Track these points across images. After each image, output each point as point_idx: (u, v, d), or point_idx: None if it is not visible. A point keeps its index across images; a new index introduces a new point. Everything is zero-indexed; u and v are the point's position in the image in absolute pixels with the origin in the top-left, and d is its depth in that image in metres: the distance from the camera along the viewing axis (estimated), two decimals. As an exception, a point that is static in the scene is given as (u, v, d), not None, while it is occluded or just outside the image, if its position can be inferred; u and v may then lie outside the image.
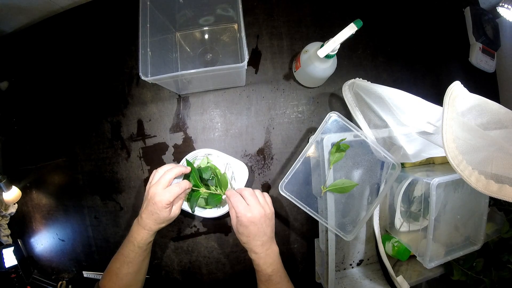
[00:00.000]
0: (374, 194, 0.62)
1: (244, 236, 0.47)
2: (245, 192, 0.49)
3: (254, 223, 0.46)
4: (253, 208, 0.47)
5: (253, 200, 0.48)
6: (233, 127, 0.68)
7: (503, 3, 0.66)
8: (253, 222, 0.46)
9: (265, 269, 0.47)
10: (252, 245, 0.47)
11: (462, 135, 0.35)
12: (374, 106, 0.53)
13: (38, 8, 0.70)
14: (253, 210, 0.46)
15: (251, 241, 0.47)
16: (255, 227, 0.46)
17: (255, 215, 0.46)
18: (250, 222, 0.46)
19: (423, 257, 0.56)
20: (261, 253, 0.47)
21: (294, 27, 0.70)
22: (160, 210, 0.47)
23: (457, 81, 0.38)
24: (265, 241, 0.47)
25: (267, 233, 0.48)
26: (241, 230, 0.47)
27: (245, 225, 0.46)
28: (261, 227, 0.47)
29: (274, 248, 0.49)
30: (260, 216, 0.46)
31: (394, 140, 0.52)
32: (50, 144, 0.71)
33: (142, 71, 0.50)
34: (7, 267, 0.67)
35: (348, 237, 0.53)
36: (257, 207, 0.47)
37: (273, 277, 0.47)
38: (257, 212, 0.46)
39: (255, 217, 0.46)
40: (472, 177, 0.34)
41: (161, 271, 0.69)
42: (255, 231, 0.47)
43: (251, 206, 0.47)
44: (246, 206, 0.47)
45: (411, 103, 0.45)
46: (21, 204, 0.72)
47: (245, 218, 0.46)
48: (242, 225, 0.47)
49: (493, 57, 0.77)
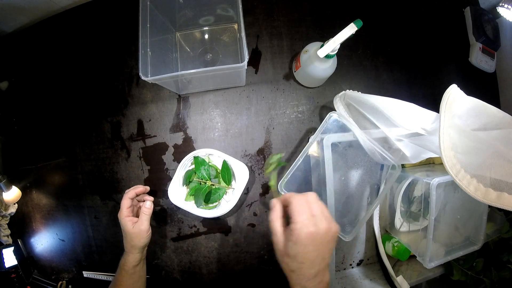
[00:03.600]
0: (374, 195, 0.63)
1: (296, 261, 0.34)
2: (310, 196, 0.36)
3: (316, 243, 0.33)
4: (319, 221, 0.34)
5: (318, 209, 0.35)
6: (233, 127, 0.68)
7: (503, 3, 0.66)
8: (314, 239, 0.33)
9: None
10: (303, 274, 0.34)
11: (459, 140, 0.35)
12: (367, 115, 0.53)
13: (38, 8, 0.70)
14: (318, 224, 0.33)
15: (303, 268, 0.33)
16: (314, 247, 0.33)
17: (319, 231, 0.33)
18: (312, 240, 0.33)
19: (423, 257, 0.56)
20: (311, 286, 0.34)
21: (294, 27, 0.70)
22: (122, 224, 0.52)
23: (454, 85, 0.38)
24: (320, 270, 0.34)
25: (325, 258, 0.35)
26: (294, 251, 0.33)
27: (304, 244, 0.33)
28: (322, 249, 0.34)
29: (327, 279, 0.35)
30: (325, 234, 0.33)
31: (392, 145, 0.53)
32: (50, 144, 0.71)
33: (142, 71, 0.50)
34: (7, 267, 0.67)
35: (347, 238, 0.53)
36: (323, 221, 0.34)
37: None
38: (323, 227, 0.33)
39: (318, 234, 0.33)
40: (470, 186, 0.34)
41: (161, 271, 0.69)
42: (314, 254, 0.33)
43: (316, 217, 0.34)
44: (310, 217, 0.34)
45: (404, 110, 0.45)
46: (21, 204, 0.72)
47: (306, 233, 0.33)
48: (299, 243, 0.33)
49: (493, 57, 0.77)
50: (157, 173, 0.68)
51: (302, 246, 0.33)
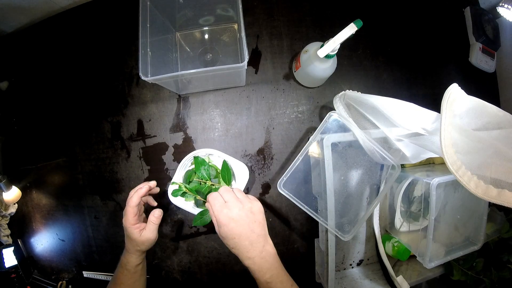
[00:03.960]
0: (373, 195, 0.63)
1: (229, 239, 0.42)
2: (221, 189, 0.46)
3: (234, 220, 0.42)
4: (230, 204, 0.43)
5: (229, 195, 0.44)
6: (233, 127, 0.68)
7: (503, 3, 0.66)
8: (233, 218, 0.42)
9: (262, 276, 0.42)
10: (241, 247, 0.42)
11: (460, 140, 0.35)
12: (367, 115, 0.53)
13: (38, 8, 0.70)
14: (230, 206, 0.42)
15: (237, 243, 0.42)
16: (237, 224, 0.42)
17: (232, 211, 0.42)
18: (229, 219, 0.42)
19: (423, 257, 0.56)
20: (255, 257, 0.42)
21: (294, 27, 0.70)
22: (129, 232, 0.50)
23: (455, 84, 0.38)
24: (254, 240, 0.42)
25: (255, 231, 0.42)
26: (223, 232, 0.42)
27: (224, 224, 0.42)
28: (244, 224, 0.42)
29: (269, 249, 0.43)
30: (239, 210, 0.42)
31: (392, 145, 0.53)
32: (50, 144, 0.71)
33: (142, 71, 0.50)
34: (7, 267, 0.67)
35: (346, 237, 0.53)
36: (235, 202, 0.43)
37: (273, 284, 0.42)
38: (235, 206, 0.42)
39: (233, 212, 0.42)
40: (471, 183, 0.34)
41: (161, 271, 0.69)
42: (239, 230, 0.42)
43: (228, 202, 0.43)
44: (223, 203, 0.43)
45: (404, 110, 0.45)
46: (21, 204, 0.72)
47: (222, 215, 0.42)
48: (222, 225, 0.42)
49: (493, 57, 0.77)
50: (157, 173, 0.68)
51: (225, 226, 0.42)
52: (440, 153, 0.36)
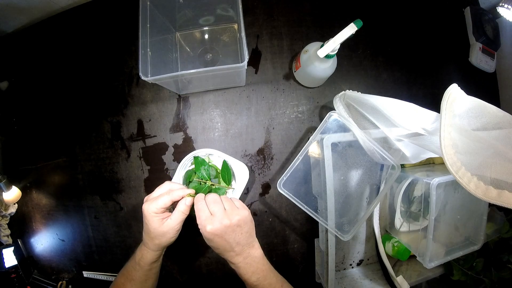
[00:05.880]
0: (373, 195, 0.63)
1: (214, 248, 0.42)
2: (208, 198, 0.43)
3: (218, 236, 0.40)
4: (215, 218, 0.40)
5: (216, 208, 0.41)
6: (233, 127, 0.68)
7: (503, 3, 0.66)
8: (216, 234, 0.40)
9: (248, 279, 0.42)
10: (225, 255, 0.42)
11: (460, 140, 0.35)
12: (367, 115, 0.53)
13: (38, 8, 0.70)
14: (214, 221, 0.40)
15: (222, 252, 0.42)
16: (221, 239, 0.40)
17: (216, 227, 0.40)
18: (213, 235, 0.40)
19: (423, 257, 0.56)
20: (239, 262, 0.42)
21: (294, 27, 0.70)
22: (148, 220, 0.43)
23: (454, 84, 0.38)
24: (239, 251, 0.42)
25: (240, 242, 0.41)
26: (208, 243, 0.42)
27: (208, 239, 0.41)
28: (229, 238, 0.41)
29: (254, 254, 0.43)
30: (224, 227, 0.40)
31: (392, 145, 0.53)
32: (50, 144, 0.71)
33: (142, 71, 0.50)
34: (7, 267, 0.67)
35: (345, 237, 0.53)
36: (220, 217, 0.40)
37: (260, 286, 0.42)
38: (219, 223, 0.40)
39: (217, 228, 0.40)
40: (471, 184, 0.34)
41: (161, 271, 0.69)
42: (223, 244, 0.41)
43: (214, 216, 0.41)
44: (208, 217, 0.41)
45: (404, 110, 0.45)
46: (21, 204, 0.72)
47: (206, 231, 0.40)
48: (206, 238, 0.41)
49: (493, 57, 0.77)
50: (157, 173, 0.68)
51: (209, 240, 0.41)
52: (440, 153, 0.36)
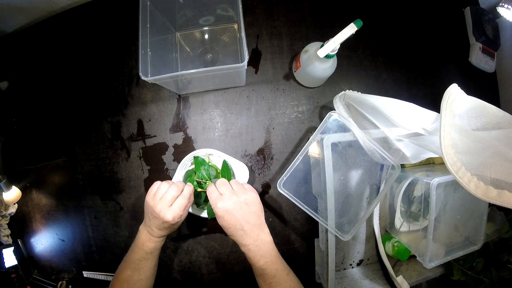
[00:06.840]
0: (373, 195, 0.63)
1: (226, 229, 0.45)
2: (217, 182, 0.48)
3: (228, 212, 0.44)
4: (225, 196, 0.45)
5: (224, 188, 0.46)
6: (233, 127, 0.68)
7: (503, 3, 0.66)
8: (227, 211, 0.44)
9: (256, 262, 0.44)
10: (236, 236, 0.45)
11: (460, 140, 0.35)
12: (367, 115, 0.53)
13: (38, 8, 0.70)
14: (224, 199, 0.45)
15: (233, 232, 0.45)
16: (231, 216, 0.44)
17: (226, 203, 0.44)
18: (224, 211, 0.44)
19: (423, 257, 0.56)
20: (249, 244, 0.44)
21: (294, 27, 0.70)
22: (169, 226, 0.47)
23: (454, 84, 0.38)
24: (248, 229, 0.44)
25: (249, 221, 0.45)
26: (220, 222, 0.45)
27: (220, 216, 0.45)
28: (238, 215, 0.44)
29: (264, 238, 0.45)
30: (233, 203, 0.44)
31: (392, 145, 0.53)
32: (50, 144, 0.71)
33: (142, 71, 0.50)
34: (7, 267, 0.67)
35: (345, 237, 0.53)
36: (228, 195, 0.45)
37: (267, 270, 0.44)
38: (229, 199, 0.45)
39: (227, 205, 0.44)
40: (471, 184, 0.34)
41: (161, 271, 0.69)
42: (233, 221, 0.44)
43: (223, 195, 0.46)
44: (218, 196, 0.46)
45: (404, 110, 0.45)
46: (21, 204, 0.72)
47: (217, 208, 0.44)
48: (218, 217, 0.45)
49: (493, 57, 0.77)
50: (157, 173, 0.68)
51: (220, 218, 0.45)
52: (440, 153, 0.36)
